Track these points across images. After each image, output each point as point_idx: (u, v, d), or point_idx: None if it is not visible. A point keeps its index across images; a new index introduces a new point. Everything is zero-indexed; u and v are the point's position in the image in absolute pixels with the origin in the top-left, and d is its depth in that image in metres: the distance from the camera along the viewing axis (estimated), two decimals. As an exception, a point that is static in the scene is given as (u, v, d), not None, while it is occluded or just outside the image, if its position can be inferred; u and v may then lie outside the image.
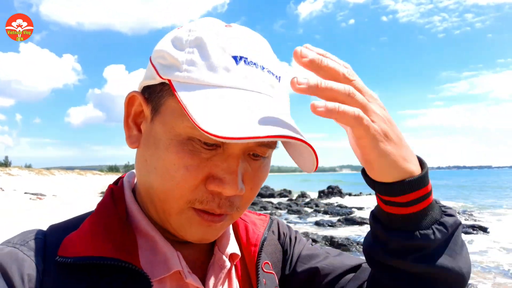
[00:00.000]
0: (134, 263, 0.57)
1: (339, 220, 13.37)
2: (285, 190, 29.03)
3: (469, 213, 16.26)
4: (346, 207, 18.50)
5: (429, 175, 0.60)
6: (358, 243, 9.43)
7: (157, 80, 0.58)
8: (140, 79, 0.65)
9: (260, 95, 0.56)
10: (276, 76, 0.60)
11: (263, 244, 0.75)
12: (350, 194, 28.71)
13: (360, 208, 17.93)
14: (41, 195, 20.82)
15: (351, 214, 15.34)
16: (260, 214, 0.84)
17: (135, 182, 0.71)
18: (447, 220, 0.59)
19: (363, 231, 11.81)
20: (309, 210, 17.61)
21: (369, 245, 0.65)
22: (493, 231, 11.39)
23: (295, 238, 0.86)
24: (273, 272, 0.76)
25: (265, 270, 0.74)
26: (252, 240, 0.75)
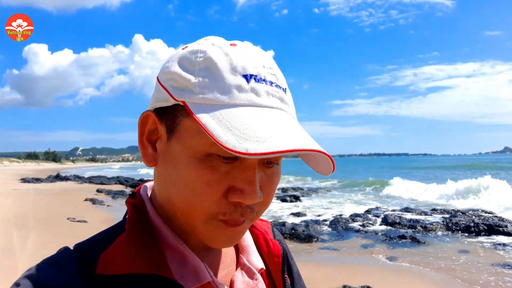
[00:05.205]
0: (170, 277, 0.60)
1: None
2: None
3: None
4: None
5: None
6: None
7: (171, 102, 0.60)
8: (150, 100, 0.67)
9: (272, 110, 0.58)
10: (283, 89, 0.62)
11: (285, 255, 0.80)
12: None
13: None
14: (-37, 181, 21.79)
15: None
16: (261, 220, 0.84)
17: (149, 195, 0.72)
18: None
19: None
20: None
21: None
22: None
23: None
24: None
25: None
26: (274, 251, 0.79)
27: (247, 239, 0.77)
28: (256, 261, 0.74)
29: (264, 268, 0.76)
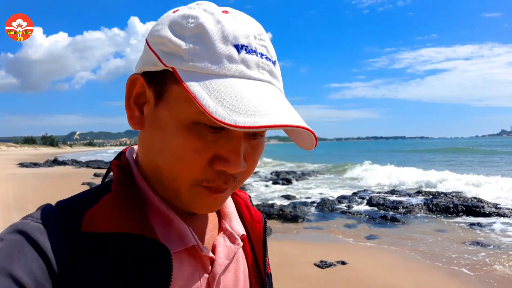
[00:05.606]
0: (154, 237, 0.60)
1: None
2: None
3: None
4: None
5: None
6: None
7: (160, 67, 0.60)
8: (138, 62, 0.66)
9: (262, 83, 0.59)
10: (273, 62, 0.62)
11: (265, 222, 0.82)
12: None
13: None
14: (-38, 166, 22.04)
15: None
16: (240, 191, 0.86)
17: (135, 158, 0.72)
18: None
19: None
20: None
21: None
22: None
23: None
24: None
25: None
26: (256, 217, 0.82)
27: (230, 206, 0.79)
28: (237, 227, 0.77)
29: (246, 234, 0.79)
